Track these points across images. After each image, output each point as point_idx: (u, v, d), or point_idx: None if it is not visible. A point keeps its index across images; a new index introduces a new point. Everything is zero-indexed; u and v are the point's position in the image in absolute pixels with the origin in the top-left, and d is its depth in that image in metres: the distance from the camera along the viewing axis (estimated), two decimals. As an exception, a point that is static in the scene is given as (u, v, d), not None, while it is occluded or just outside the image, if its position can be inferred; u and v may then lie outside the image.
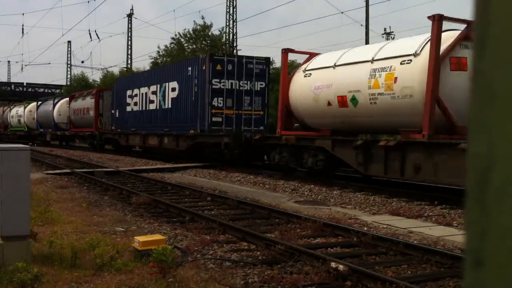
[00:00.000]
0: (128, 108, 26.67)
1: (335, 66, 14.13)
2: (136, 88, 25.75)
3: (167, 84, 22.00)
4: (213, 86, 18.98)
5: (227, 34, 38.34)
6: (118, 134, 27.91)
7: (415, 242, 7.35)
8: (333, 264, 5.90)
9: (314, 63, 15.45)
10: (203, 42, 44.85)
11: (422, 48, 11.91)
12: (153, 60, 48.58)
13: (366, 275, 5.65)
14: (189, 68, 20.22)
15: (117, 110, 28.05)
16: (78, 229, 8.13)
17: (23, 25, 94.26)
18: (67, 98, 36.85)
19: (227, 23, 37.90)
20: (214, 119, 19.10)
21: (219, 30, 44.67)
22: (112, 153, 28.34)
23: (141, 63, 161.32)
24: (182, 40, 45.53)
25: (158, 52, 49.97)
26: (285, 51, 14.53)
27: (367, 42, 37.67)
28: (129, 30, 50.10)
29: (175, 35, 46.43)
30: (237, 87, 19.31)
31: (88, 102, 32.20)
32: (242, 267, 6.30)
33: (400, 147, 12.07)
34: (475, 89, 0.58)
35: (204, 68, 19.08)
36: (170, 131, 21.76)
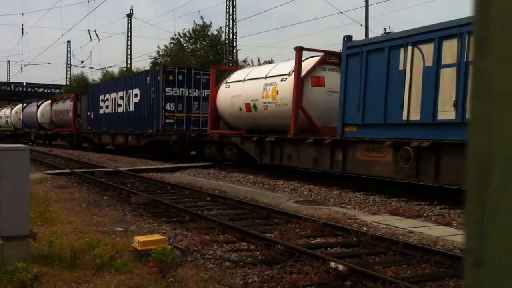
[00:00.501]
0: (101, 111, 30.35)
1: (244, 80, 18.18)
2: (107, 93, 29.43)
3: (131, 90, 25.91)
4: (166, 94, 22.72)
5: (226, 34, 38.34)
6: (93, 133, 31.75)
7: (414, 242, 7.36)
8: (332, 264, 5.90)
9: (233, 77, 19.31)
10: (203, 42, 44.87)
11: (293, 69, 15.70)
12: (153, 60, 48.60)
13: (365, 275, 5.65)
14: (148, 78, 24.26)
15: (92, 112, 31.75)
16: (77, 229, 8.13)
17: (22, 25, 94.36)
18: (49, 101, 40.35)
19: (227, 23, 37.91)
20: (167, 120, 22.88)
21: (218, 30, 44.69)
22: (111, 153, 28.39)
23: (141, 63, 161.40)
24: (182, 40, 45.54)
25: (158, 52, 50.00)
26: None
27: (366, 42, 37.54)
28: (129, 30, 50.11)
29: (175, 35, 46.48)
30: (187, 94, 23.12)
31: (67, 104, 35.82)
32: (241, 267, 6.30)
33: (279, 142, 16.33)
34: (475, 89, 0.58)
35: (159, 78, 22.86)
36: (134, 130, 25.51)
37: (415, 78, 11.66)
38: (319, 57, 15.88)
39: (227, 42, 38.65)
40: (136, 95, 25.34)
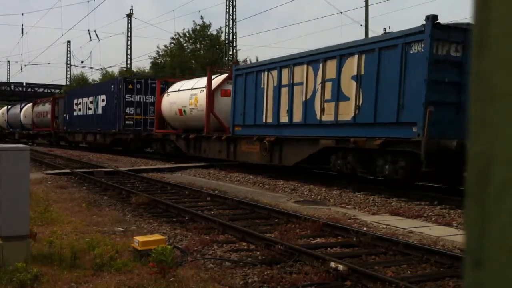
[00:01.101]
0: (75, 113, 34.81)
1: (178, 90, 22.99)
2: (80, 98, 34.07)
3: (99, 96, 30.33)
4: (126, 100, 27.26)
5: (226, 34, 38.33)
6: (68, 132, 36.37)
7: (414, 242, 7.36)
8: (332, 264, 5.90)
9: (172, 88, 24.04)
10: (202, 42, 44.87)
11: (209, 83, 20.49)
12: (152, 60, 48.60)
13: (365, 275, 5.65)
14: (112, 86, 28.69)
15: (67, 114, 36.16)
16: (77, 229, 8.13)
17: (22, 25, 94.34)
18: (31, 104, 44.77)
19: (227, 23, 37.90)
20: (127, 122, 27.31)
21: (217, 30, 44.67)
22: (111, 153, 28.43)
23: (141, 63, 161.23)
24: (182, 40, 45.53)
25: (158, 52, 49.96)
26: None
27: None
28: (129, 30, 50.09)
29: (175, 35, 46.46)
30: (144, 100, 27.59)
31: (47, 107, 40.29)
32: (241, 267, 6.30)
33: (197, 138, 21.10)
34: (475, 89, 0.58)
35: (120, 87, 27.36)
36: (101, 130, 29.66)
37: (269, 93, 16.78)
38: (227, 74, 20.54)
39: (227, 42, 38.64)
40: (103, 100, 29.71)
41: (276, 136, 16.20)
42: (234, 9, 37.67)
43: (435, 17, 11.32)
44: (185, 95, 21.85)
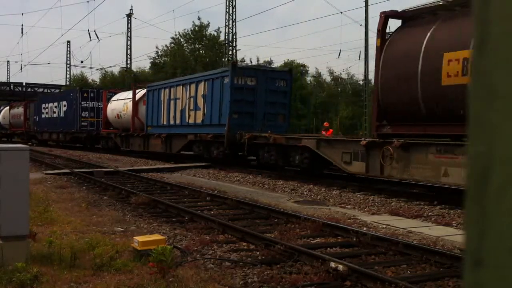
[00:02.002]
0: (43, 116, 40.84)
1: (117, 100, 29.62)
2: (47, 103, 40.23)
3: (62, 102, 36.79)
4: (82, 106, 33.89)
5: (226, 34, 38.33)
6: (37, 132, 42.78)
7: (414, 242, 7.36)
8: (332, 264, 5.90)
9: (113, 97, 30.69)
10: (202, 42, 44.88)
11: (134, 95, 27.62)
12: (152, 60, 48.61)
13: (365, 275, 5.65)
14: (71, 94, 35.70)
15: (37, 116, 42.32)
16: (77, 229, 8.13)
17: (22, 25, 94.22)
18: (8, 107, 51.43)
19: (227, 23, 37.90)
20: (82, 123, 33.75)
21: (216, 30, 44.66)
22: (111, 153, 28.50)
23: (141, 63, 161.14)
24: (182, 40, 45.53)
25: (157, 52, 49.93)
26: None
27: (366, 42, 37.65)
28: (129, 30, 50.07)
29: (175, 35, 46.44)
30: (97, 106, 33.70)
31: (20, 110, 46.77)
32: (241, 267, 6.30)
33: (127, 136, 27.94)
34: (475, 89, 0.58)
35: (77, 95, 34.04)
36: (63, 130, 36.09)
37: (164, 104, 24.03)
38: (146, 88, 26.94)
39: (226, 42, 38.64)
40: (64, 106, 36.31)
41: (167, 133, 23.64)
42: (234, 9, 37.68)
43: (234, 62, 23.06)
44: (120, 103, 28.87)
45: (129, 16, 50.03)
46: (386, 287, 5.33)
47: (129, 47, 50.00)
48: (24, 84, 64.36)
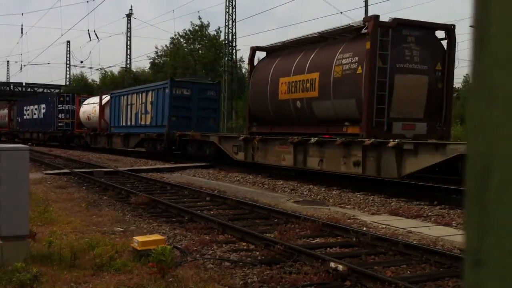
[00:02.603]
0: (25, 117, 45.15)
1: (87, 104, 34.87)
2: (29, 105, 44.53)
3: (41, 105, 40.82)
4: (59, 108, 37.86)
5: (226, 34, 38.31)
6: (20, 131, 47.07)
7: (414, 242, 7.36)
8: (332, 264, 5.90)
9: (84, 102, 35.82)
10: (201, 42, 44.87)
11: (100, 100, 32.25)
12: (151, 60, 48.61)
13: (365, 275, 5.65)
14: (49, 98, 39.95)
15: (20, 118, 46.68)
16: (77, 229, 8.13)
17: (22, 25, 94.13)
18: None
19: (226, 23, 37.88)
20: (59, 124, 37.93)
21: (216, 30, 44.64)
22: (111, 153, 28.51)
23: (141, 63, 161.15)
24: (182, 40, 45.52)
25: (156, 52, 49.93)
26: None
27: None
28: (128, 30, 50.07)
29: (175, 35, 46.42)
30: (71, 108, 37.95)
31: (5, 112, 51.44)
32: (241, 267, 6.30)
33: (95, 135, 32.37)
34: (474, 89, 0.58)
35: (54, 99, 38.48)
36: (42, 130, 40.14)
37: (123, 108, 28.44)
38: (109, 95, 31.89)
39: (226, 42, 38.63)
40: (43, 108, 40.37)
41: (125, 132, 28.23)
42: (233, 9, 37.66)
43: (172, 77, 26.46)
44: (90, 107, 34.01)
45: (129, 16, 50.04)
46: (386, 287, 5.33)
47: (129, 47, 50.00)
48: (24, 84, 64.37)
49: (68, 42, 66.04)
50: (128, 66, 50.29)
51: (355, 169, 13.27)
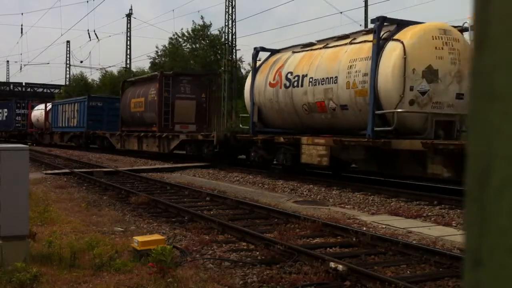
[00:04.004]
0: None
1: (37, 109, 44.95)
2: None
3: (4, 109, 50.12)
4: (17, 112, 47.23)
5: (226, 34, 38.32)
6: None
7: (414, 242, 7.36)
8: (332, 264, 5.90)
9: (36, 107, 45.12)
10: (202, 42, 44.86)
11: (46, 107, 43.83)
12: (151, 60, 48.61)
13: (365, 275, 5.65)
14: (10, 104, 48.67)
15: None
16: (77, 229, 8.12)
17: (22, 25, 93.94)
18: None
19: (226, 23, 37.89)
20: (16, 125, 47.11)
21: (219, 30, 44.62)
22: (111, 153, 28.49)
23: (140, 63, 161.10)
24: (180, 40, 45.49)
25: (157, 52, 49.90)
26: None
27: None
28: (128, 30, 50.05)
29: (173, 35, 46.42)
30: (26, 112, 46.37)
31: None
32: (241, 267, 6.30)
33: (41, 133, 43.44)
34: (474, 89, 0.58)
35: (13, 105, 47.20)
36: (5, 129, 48.70)
37: (60, 114, 38.42)
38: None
39: (226, 42, 38.64)
40: (6, 112, 49.87)
41: (61, 131, 37.62)
42: (233, 9, 37.65)
43: (90, 94, 36.99)
44: (39, 112, 44.07)
45: (128, 16, 50.00)
46: (386, 287, 5.33)
47: (128, 47, 49.99)
48: (23, 84, 64.38)
49: (68, 42, 65.91)
50: (128, 66, 50.29)
51: (156, 149, 24.36)
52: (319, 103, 14.81)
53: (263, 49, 18.62)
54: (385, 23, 12.97)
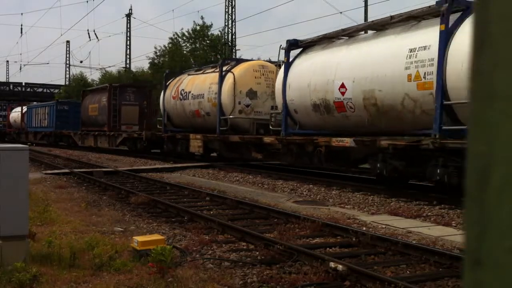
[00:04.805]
0: None
1: (14, 112, 52.41)
2: None
3: None
4: None
5: (226, 34, 38.32)
6: None
7: (414, 242, 7.36)
8: (332, 264, 5.90)
9: (14, 110, 53.10)
10: (202, 42, 44.85)
11: (20, 110, 51.93)
12: (150, 61, 48.60)
13: (365, 275, 5.65)
14: None
15: None
16: (76, 229, 8.12)
17: (21, 25, 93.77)
18: None
19: (226, 23, 37.90)
20: None
21: (220, 31, 44.61)
22: (111, 153, 28.51)
23: (140, 63, 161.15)
24: (180, 40, 45.49)
25: (155, 52, 49.88)
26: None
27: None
28: (128, 30, 50.08)
29: (173, 35, 46.42)
30: (4, 114, 52.74)
31: None
32: (241, 267, 6.30)
33: (18, 133, 50.34)
34: (474, 89, 0.58)
35: None
36: None
37: (34, 116, 44.72)
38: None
39: (225, 42, 38.64)
40: None
41: (34, 131, 42.77)
42: (233, 9, 37.67)
43: (58, 99, 45.30)
44: (16, 114, 50.18)
45: (128, 16, 50.04)
46: (386, 287, 5.33)
47: (128, 47, 50.02)
48: (23, 84, 64.35)
49: (68, 42, 66.02)
50: (127, 66, 50.31)
51: (107, 144, 30.36)
52: (196, 111, 21.96)
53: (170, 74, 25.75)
54: (226, 61, 21.42)
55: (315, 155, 14.74)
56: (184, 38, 45.30)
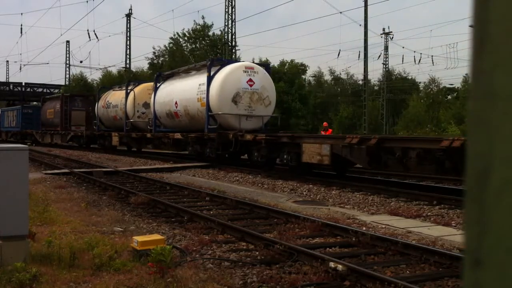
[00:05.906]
0: None
1: (2, 112, 56.60)
2: None
3: None
4: None
5: (226, 34, 38.32)
6: None
7: (413, 242, 7.36)
8: (331, 264, 5.90)
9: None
10: (203, 42, 44.86)
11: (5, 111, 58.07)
12: (149, 61, 48.63)
13: (364, 275, 5.65)
14: None
15: None
16: (76, 229, 8.12)
17: (21, 25, 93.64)
18: None
19: (226, 23, 37.89)
20: None
21: (220, 31, 44.62)
22: (111, 153, 28.52)
23: (140, 63, 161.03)
24: (181, 40, 45.49)
25: (154, 52, 49.92)
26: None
27: (365, 42, 37.71)
28: (128, 30, 50.05)
29: (174, 35, 46.40)
30: None
31: None
32: (240, 267, 6.30)
33: (8, 132, 52.92)
34: (474, 89, 0.58)
35: None
36: None
37: (6, 118, 52.49)
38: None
39: (225, 42, 38.63)
40: None
41: (6, 131, 50.20)
42: (233, 9, 37.66)
43: (23, 105, 50.91)
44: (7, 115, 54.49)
45: (128, 16, 50.00)
46: (386, 287, 5.33)
47: (128, 47, 49.98)
48: (23, 84, 64.31)
49: (68, 42, 65.95)
50: (127, 66, 50.28)
51: (60, 141, 38.36)
52: (114, 116, 31.01)
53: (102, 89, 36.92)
54: (130, 82, 32.23)
55: (167, 143, 24.54)
56: (185, 38, 45.32)
